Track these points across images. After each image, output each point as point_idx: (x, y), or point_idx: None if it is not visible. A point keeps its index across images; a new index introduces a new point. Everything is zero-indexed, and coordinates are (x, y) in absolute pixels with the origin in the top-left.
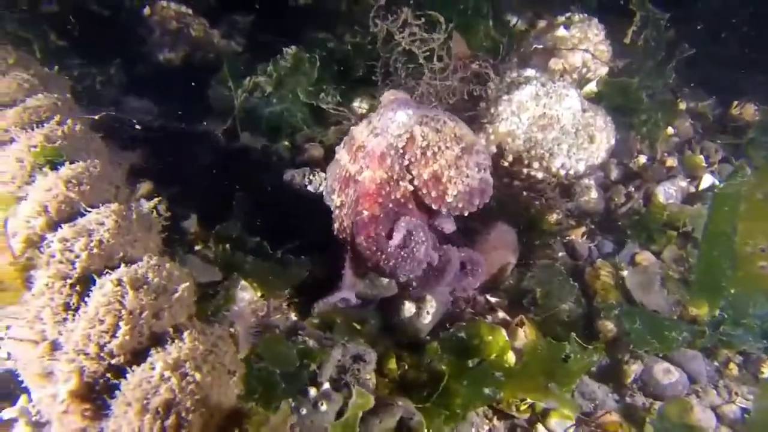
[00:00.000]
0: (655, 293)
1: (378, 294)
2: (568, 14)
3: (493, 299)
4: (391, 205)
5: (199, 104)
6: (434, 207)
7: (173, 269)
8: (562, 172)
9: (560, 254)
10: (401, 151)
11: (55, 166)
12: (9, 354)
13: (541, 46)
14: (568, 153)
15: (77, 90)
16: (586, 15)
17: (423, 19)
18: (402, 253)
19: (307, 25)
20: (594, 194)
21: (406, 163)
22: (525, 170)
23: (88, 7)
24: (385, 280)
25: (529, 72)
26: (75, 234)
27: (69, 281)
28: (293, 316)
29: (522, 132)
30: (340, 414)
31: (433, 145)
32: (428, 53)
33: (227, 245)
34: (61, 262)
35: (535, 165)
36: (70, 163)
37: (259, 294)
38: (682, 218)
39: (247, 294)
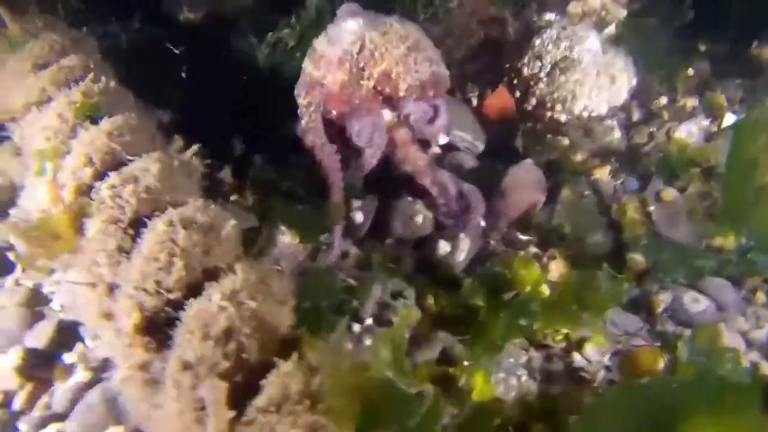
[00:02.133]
0: (682, 226)
1: (413, 233)
2: None
3: (524, 237)
4: (357, 102)
5: (220, 62)
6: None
7: (219, 210)
8: (585, 114)
9: (586, 192)
10: (356, 55)
11: (95, 120)
12: (62, 306)
13: None
14: (590, 94)
15: (103, 49)
16: None
17: None
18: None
19: None
20: (617, 134)
21: (361, 65)
22: (548, 113)
23: None
24: (420, 220)
25: (549, 16)
26: (122, 181)
27: (121, 225)
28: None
29: (544, 75)
30: None
31: (380, 47)
32: None
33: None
34: (111, 207)
35: (558, 108)
36: (109, 117)
37: (297, 239)
38: (705, 154)
39: (286, 238)
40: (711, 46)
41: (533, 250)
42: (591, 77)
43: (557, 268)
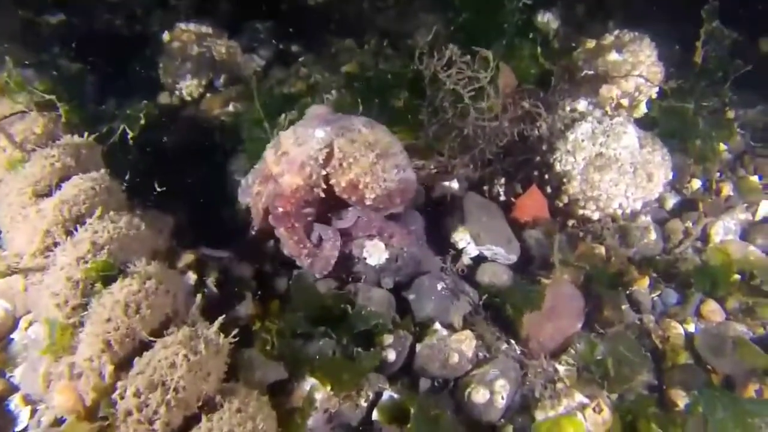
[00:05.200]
0: (727, 357)
1: (449, 374)
2: (616, 32)
3: (561, 368)
4: (303, 203)
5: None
6: (359, 208)
7: (257, 415)
8: (619, 212)
9: (624, 306)
10: (321, 162)
11: (107, 281)
12: None
13: (591, 72)
14: (625, 193)
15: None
16: (636, 33)
17: (468, 56)
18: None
19: (326, 26)
20: (653, 235)
21: (325, 173)
22: (581, 211)
23: (101, 18)
24: (456, 359)
25: (582, 104)
26: (148, 384)
27: None
28: (363, 403)
29: (578, 173)
30: None
31: (349, 156)
32: (475, 92)
33: (290, 339)
34: (139, 421)
35: (591, 206)
36: (122, 273)
37: (329, 388)
38: (747, 268)
39: (319, 394)
40: (741, 111)
41: (578, 398)
42: (627, 176)
43: (604, 422)
